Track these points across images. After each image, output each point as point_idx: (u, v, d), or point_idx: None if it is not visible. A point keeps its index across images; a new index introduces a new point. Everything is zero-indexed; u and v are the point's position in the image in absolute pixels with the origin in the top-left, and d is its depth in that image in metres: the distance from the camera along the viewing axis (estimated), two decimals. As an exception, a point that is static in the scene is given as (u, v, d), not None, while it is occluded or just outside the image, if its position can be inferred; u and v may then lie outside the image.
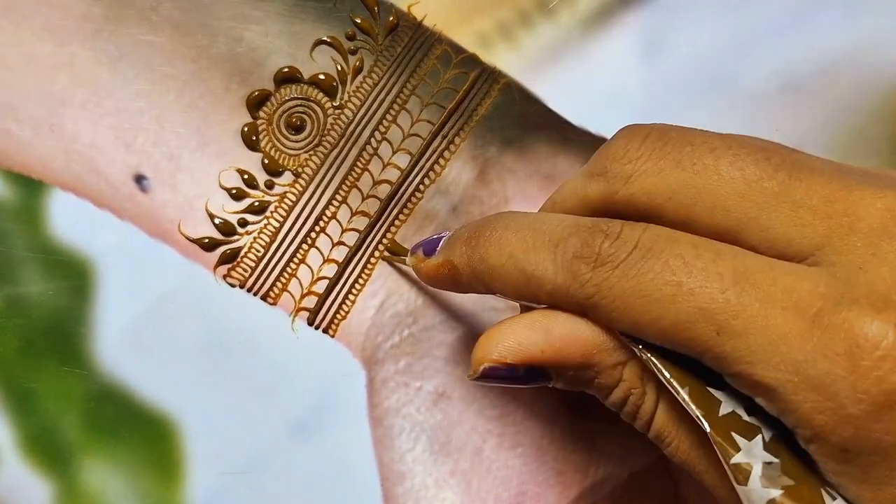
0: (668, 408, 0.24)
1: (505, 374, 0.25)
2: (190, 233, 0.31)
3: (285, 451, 0.31)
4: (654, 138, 0.24)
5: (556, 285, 0.24)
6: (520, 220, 0.25)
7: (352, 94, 0.31)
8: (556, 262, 0.24)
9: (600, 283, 0.23)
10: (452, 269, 0.26)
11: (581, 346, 0.24)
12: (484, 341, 0.25)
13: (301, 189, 0.31)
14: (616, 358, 0.24)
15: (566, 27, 0.32)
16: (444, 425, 0.31)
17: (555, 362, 0.24)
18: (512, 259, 0.25)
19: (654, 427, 0.24)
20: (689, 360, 0.23)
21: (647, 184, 0.24)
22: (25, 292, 0.31)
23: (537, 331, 0.24)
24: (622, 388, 0.24)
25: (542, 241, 0.24)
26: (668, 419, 0.24)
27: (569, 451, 0.31)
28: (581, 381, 0.25)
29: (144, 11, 0.31)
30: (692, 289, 0.22)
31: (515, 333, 0.25)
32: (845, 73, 0.32)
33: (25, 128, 0.31)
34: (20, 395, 0.31)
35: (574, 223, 0.24)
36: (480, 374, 0.25)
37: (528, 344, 0.24)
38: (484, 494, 0.31)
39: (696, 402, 0.23)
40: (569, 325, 0.24)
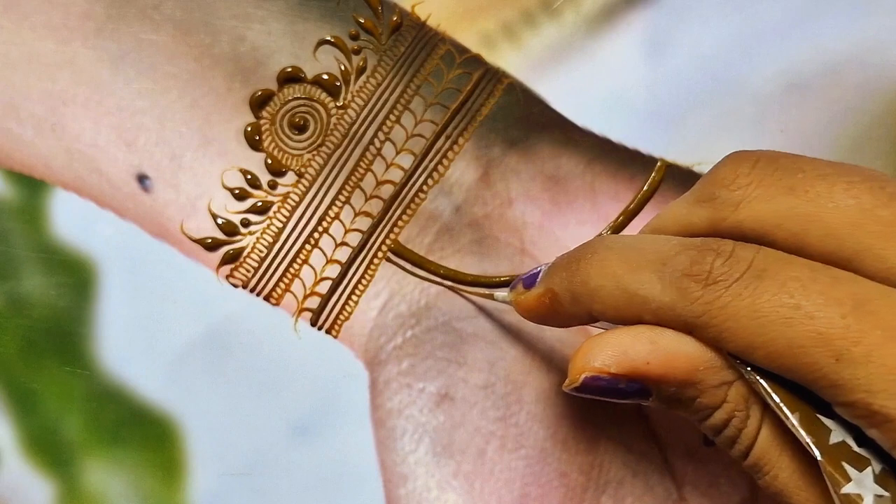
0: (772, 434, 0.23)
1: (605, 386, 0.24)
2: (192, 233, 0.31)
3: (287, 453, 0.31)
4: (763, 164, 0.24)
5: (663, 304, 0.23)
6: (622, 241, 0.25)
7: (355, 94, 0.31)
8: (663, 280, 0.23)
9: (712, 302, 0.22)
10: (553, 298, 0.25)
11: (687, 362, 0.23)
12: (585, 349, 0.24)
13: (304, 189, 0.31)
14: (722, 377, 0.23)
15: (570, 27, 0.32)
16: (447, 427, 0.31)
17: (659, 376, 0.23)
18: (615, 279, 0.24)
19: (753, 454, 0.24)
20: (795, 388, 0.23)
21: (756, 210, 0.23)
22: (27, 292, 0.31)
23: (643, 342, 0.23)
24: (725, 409, 0.24)
25: (647, 260, 0.24)
26: (769, 446, 0.23)
27: (572, 454, 0.31)
28: (681, 401, 0.24)
29: (146, 10, 0.31)
30: (810, 312, 0.22)
31: (620, 343, 0.24)
32: (851, 73, 0.32)
33: (27, 127, 0.31)
34: (21, 395, 0.31)
35: (681, 242, 0.24)
36: (580, 383, 0.24)
37: (634, 354, 0.23)
38: (487, 496, 0.30)
39: (806, 429, 0.22)
40: (675, 339, 0.23)
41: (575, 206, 0.32)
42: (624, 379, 0.24)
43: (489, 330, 0.31)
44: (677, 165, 0.32)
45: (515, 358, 0.31)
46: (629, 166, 0.32)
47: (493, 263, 0.31)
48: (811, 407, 0.23)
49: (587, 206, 0.32)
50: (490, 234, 0.31)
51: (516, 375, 0.31)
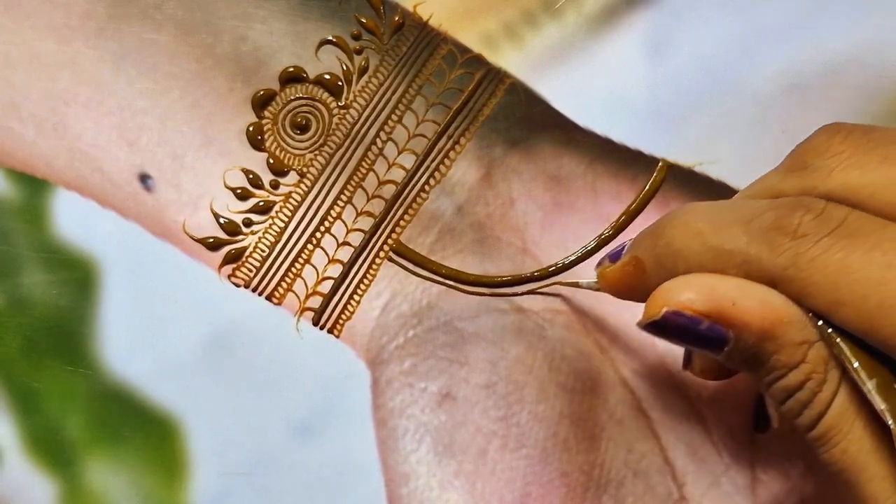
0: (847, 402, 0.22)
1: (685, 324, 0.23)
2: (194, 232, 0.31)
3: (289, 452, 0.31)
4: (858, 134, 0.23)
5: (749, 256, 0.22)
6: (708, 204, 0.24)
7: (357, 94, 0.31)
8: (749, 234, 0.22)
9: (800, 254, 0.22)
10: (637, 265, 0.25)
11: (773, 312, 0.22)
12: (669, 284, 0.23)
13: (306, 189, 0.31)
14: (804, 336, 0.22)
15: (572, 27, 0.32)
16: (449, 426, 0.31)
17: (743, 322, 0.22)
18: (700, 237, 0.23)
19: (824, 422, 0.23)
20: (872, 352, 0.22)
21: (849, 178, 0.23)
22: (29, 291, 0.31)
23: (730, 285, 0.23)
24: (802, 370, 0.23)
25: (733, 218, 0.23)
26: (842, 415, 0.22)
27: (573, 453, 0.31)
28: (756, 356, 0.23)
29: (148, 10, 0.31)
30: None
31: (708, 281, 0.23)
32: (852, 73, 0.32)
33: (28, 126, 0.31)
34: (23, 394, 0.31)
35: (770, 202, 0.23)
36: (661, 317, 0.23)
37: (722, 292, 0.22)
38: (488, 496, 0.30)
39: (882, 396, 0.21)
40: (761, 289, 0.23)
41: (577, 207, 0.32)
42: (707, 319, 0.23)
43: (491, 330, 0.31)
44: (679, 165, 0.32)
45: (517, 358, 0.31)
46: (631, 166, 0.32)
47: (494, 263, 0.31)
48: (890, 375, 0.22)
49: (589, 206, 0.32)
50: (492, 234, 0.31)
51: (518, 375, 0.31)
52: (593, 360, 0.31)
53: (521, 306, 0.31)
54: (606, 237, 0.31)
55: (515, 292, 0.31)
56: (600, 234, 0.31)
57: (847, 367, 0.22)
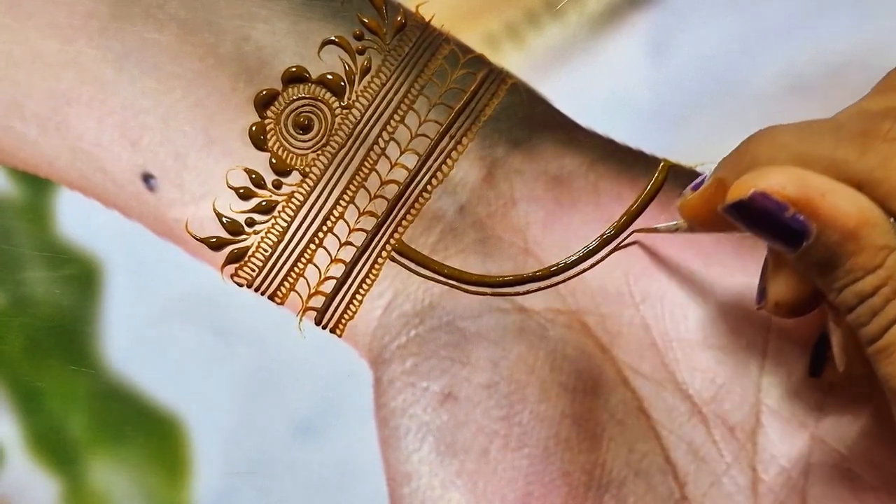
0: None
1: (771, 209, 0.22)
2: (197, 232, 0.31)
3: (291, 451, 0.31)
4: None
5: (835, 159, 0.22)
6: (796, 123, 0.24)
7: (359, 94, 0.31)
8: (837, 138, 0.22)
9: (888, 157, 0.22)
10: (720, 185, 0.24)
11: (858, 211, 0.22)
12: (761, 170, 0.23)
13: (308, 189, 0.31)
14: (885, 240, 0.22)
15: (574, 27, 0.32)
16: (451, 426, 0.31)
17: (830, 216, 0.22)
18: (786, 149, 0.23)
19: (890, 333, 0.22)
20: None
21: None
22: (32, 290, 0.31)
23: (822, 178, 0.22)
24: (878, 275, 0.22)
25: (820, 128, 0.23)
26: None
27: (575, 453, 0.31)
28: (832, 257, 0.22)
29: (150, 9, 0.31)
30: None
31: (800, 171, 0.22)
32: (853, 74, 0.32)
33: (31, 126, 0.31)
34: (26, 393, 0.31)
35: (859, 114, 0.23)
36: (749, 197, 0.22)
37: (813, 183, 0.22)
38: (490, 495, 0.31)
39: None
40: (847, 189, 0.22)
41: (578, 207, 0.32)
42: (794, 207, 0.22)
43: (492, 329, 0.31)
44: (680, 166, 0.32)
45: (519, 357, 0.31)
46: (632, 167, 0.32)
47: (496, 263, 0.31)
48: None
49: (590, 206, 0.32)
50: (493, 233, 0.32)
51: (519, 375, 0.31)
52: (595, 359, 0.31)
53: (522, 306, 0.31)
54: (608, 237, 0.31)
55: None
56: (602, 234, 0.31)
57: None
